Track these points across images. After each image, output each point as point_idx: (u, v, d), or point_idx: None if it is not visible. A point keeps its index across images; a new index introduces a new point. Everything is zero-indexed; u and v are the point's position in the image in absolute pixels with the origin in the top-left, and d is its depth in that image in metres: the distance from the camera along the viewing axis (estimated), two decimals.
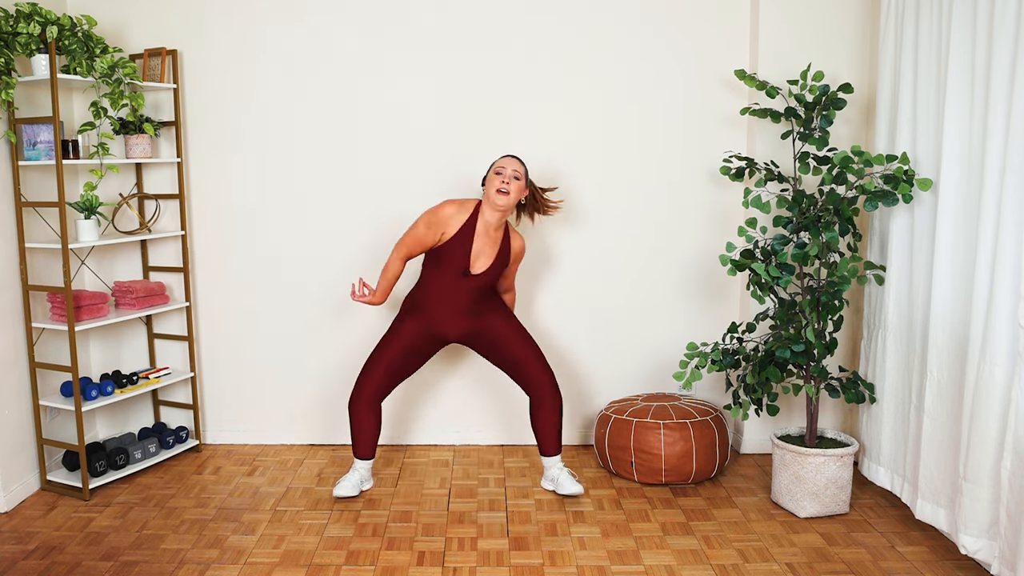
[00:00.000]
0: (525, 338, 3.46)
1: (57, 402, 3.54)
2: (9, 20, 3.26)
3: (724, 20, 3.86)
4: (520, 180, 3.27)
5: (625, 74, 3.89)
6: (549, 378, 3.46)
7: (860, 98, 3.72)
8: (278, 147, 3.95)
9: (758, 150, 3.78)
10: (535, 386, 3.45)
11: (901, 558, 2.94)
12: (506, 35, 3.86)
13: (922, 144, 3.06)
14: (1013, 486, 2.55)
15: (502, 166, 3.27)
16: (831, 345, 3.27)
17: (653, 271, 4.02)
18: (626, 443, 3.57)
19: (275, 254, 4.01)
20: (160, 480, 3.68)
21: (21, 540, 3.11)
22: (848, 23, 3.71)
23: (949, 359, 2.88)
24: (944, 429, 2.90)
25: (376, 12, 3.86)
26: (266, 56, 3.89)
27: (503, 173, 3.24)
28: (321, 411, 4.10)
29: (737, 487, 3.59)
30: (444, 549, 3.03)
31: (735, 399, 3.41)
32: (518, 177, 3.26)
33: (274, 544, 3.07)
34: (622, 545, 3.05)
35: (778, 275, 3.18)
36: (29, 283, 3.50)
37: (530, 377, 3.44)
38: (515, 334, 3.44)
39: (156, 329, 4.07)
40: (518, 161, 3.32)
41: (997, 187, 2.58)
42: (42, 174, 3.62)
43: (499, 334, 3.43)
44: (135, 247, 4.01)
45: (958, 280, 2.84)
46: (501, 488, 3.59)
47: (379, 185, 3.94)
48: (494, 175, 3.26)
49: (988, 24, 2.62)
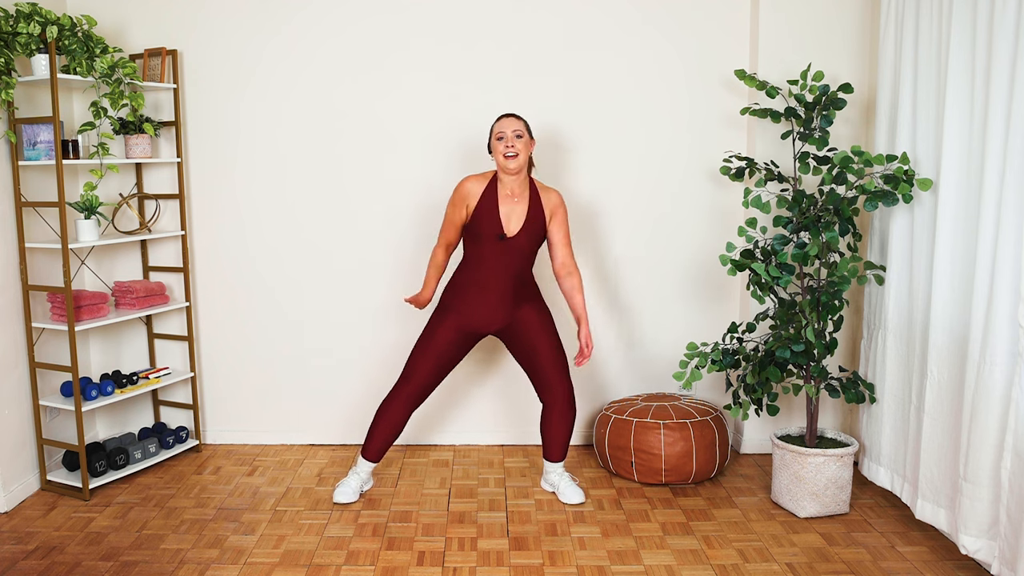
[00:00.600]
0: (554, 341, 3.37)
1: (57, 402, 3.54)
2: (9, 20, 3.26)
3: (724, 20, 3.86)
4: (523, 136, 3.21)
5: (625, 74, 3.89)
6: (567, 387, 3.39)
7: (860, 98, 3.72)
8: (278, 147, 3.95)
9: (758, 150, 3.78)
10: (552, 392, 3.38)
11: (901, 558, 2.94)
12: (506, 36, 3.86)
13: (922, 144, 3.06)
14: (1013, 486, 2.55)
15: (502, 131, 3.20)
16: (831, 345, 3.27)
17: (653, 271, 4.02)
18: (626, 443, 3.57)
19: (275, 254, 4.01)
20: (160, 480, 3.68)
21: (21, 540, 3.11)
22: (848, 23, 3.71)
23: (949, 359, 2.88)
24: (944, 429, 2.90)
25: (377, 12, 3.86)
26: (266, 55, 3.89)
27: (505, 137, 3.19)
28: (321, 411, 4.10)
29: (737, 487, 3.59)
30: (444, 549, 3.03)
31: (735, 399, 3.41)
32: (520, 135, 3.19)
33: (274, 544, 3.07)
34: (622, 545, 3.05)
35: (778, 275, 3.18)
36: (29, 283, 3.50)
37: (549, 382, 3.37)
38: (545, 333, 3.36)
39: (156, 329, 4.07)
40: (515, 119, 3.24)
41: (997, 187, 2.58)
42: (42, 174, 3.62)
43: (531, 328, 3.34)
44: (135, 247, 4.01)
45: (958, 280, 2.84)
46: (501, 488, 3.59)
47: (379, 184, 3.94)
48: (496, 141, 3.21)
49: (988, 24, 2.62)
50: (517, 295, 3.32)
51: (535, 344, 3.35)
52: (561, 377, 3.38)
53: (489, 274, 3.26)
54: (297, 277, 4.03)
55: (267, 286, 4.04)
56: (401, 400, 3.35)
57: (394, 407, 3.36)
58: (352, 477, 3.45)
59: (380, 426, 3.38)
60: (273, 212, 3.99)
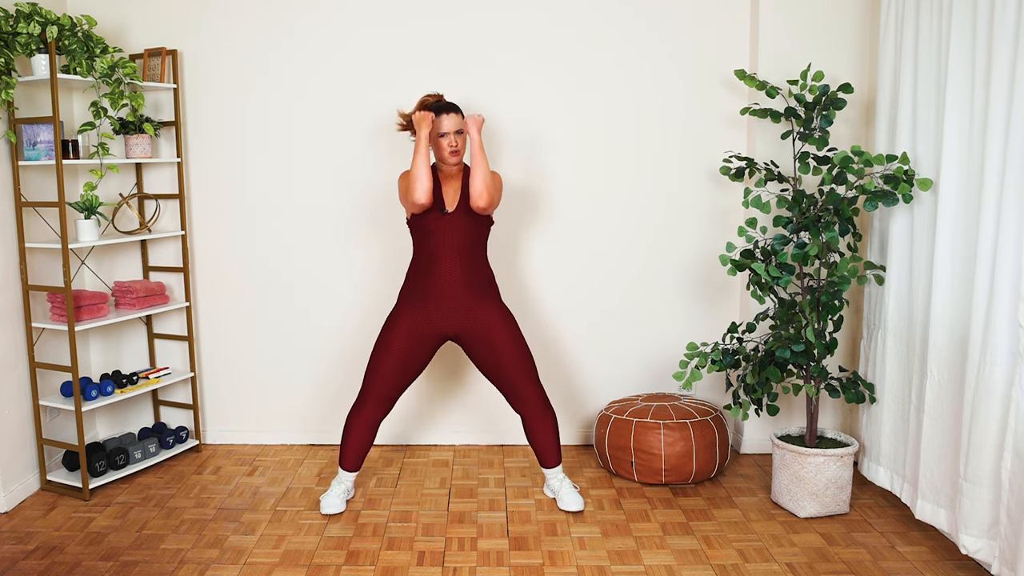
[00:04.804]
0: (520, 348, 3.30)
1: (57, 402, 3.54)
2: (9, 20, 3.26)
3: (724, 20, 3.86)
4: (463, 133, 3.23)
5: (625, 74, 3.89)
6: (538, 394, 3.31)
7: (860, 98, 3.72)
8: (278, 146, 3.95)
9: (758, 150, 3.78)
10: (524, 403, 3.30)
11: (901, 558, 2.94)
12: (506, 36, 3.86)
13: (922, 144, 3.06)
14: (1013, 486, 2.55)
15: (446, 130, 3.19)
16: (831, 345, 3.27)
17: (653, 271, 4.02)
18: (626, 443, 3.57)
19: (275, 254, 4.01)
20: (160, 480, 3.68)
21: (21, 540, 3.11)
22: (848, 23, 3.71)
23: (949, 359, 2.88)
24: (944, 429, 2.90)
25: (377, 12, 3.86)
26: (266, 55, 3.89)
27: (448, 135, 3.19)
28: (321, 411, 4.11)
29: (737, 487, 3.59)
30: (444, 549, 3.03)
31: (735, 399, 3.41)
32: (460, 131, 3.22)
33: (274, 544, 3.07)
34: (622, 545, 3.05)
35: (778, 275, 3.18)
36: (29, 283, 3.50)
37: (518, 393, 3.29)
38: (511, 341, 3.28)
39: (156, 329, 4.07)
40: (454, 114, 3.22)
41: (997, 187, 2.58)
42: (42, 174, 3.62)
43: (493, 332, 3.26)
44: (135, 247, 4.01)
45: (958, 280, 2.84)
46: (501, 488, 3.59)
47: (379, 184, 3.94)
48: (439, 138, 3.20)
49: (988, 24, 2.62)
50: (470, 278, 3.25)
51: (498, 352, 3.27)
52: (530, 385, 3.30)
53: (437, 256, 3.22)
54: (298, 277, 4.02)
55: (267, 286, 4.04)
56: (366, 411, 3.29)
57: (360, 419, 3.30)
58: (336, 487, 3.39)
59: (350, 438, 3.33)
60: (273, 211, 3.99)
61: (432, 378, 4.07)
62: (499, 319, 3.30)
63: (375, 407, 3.30)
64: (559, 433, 3.50)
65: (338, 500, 3.36)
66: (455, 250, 3.23)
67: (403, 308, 3.30)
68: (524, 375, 3.30)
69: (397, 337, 3.27)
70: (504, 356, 3.27)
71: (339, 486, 3.39)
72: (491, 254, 3.75)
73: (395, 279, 3.94)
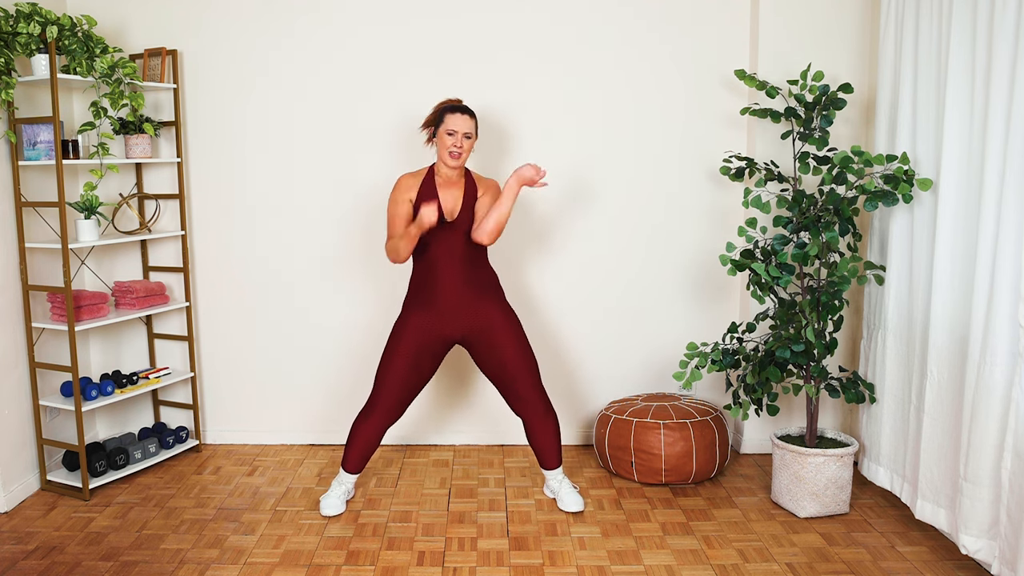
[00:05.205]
0: (523, 348, 3.29)
1: (57, 402, 3.54)
2: (9, 20, 3.26)
3: (724, 20, 3.86)
4: (472, 139, 3.22)
5: (625, 74, 3.89)
6: (540, 396, 3.31)
7: (860, 98, 3.72)
8: (278, 146, 3.95)
9: (758, 150, 3.78)
10: (526, 405, 3.30)
11: (901, 558, 2.94)
12: (506, 36, 3.86)
13: (922, 144, 3.06)
14: (1013, 486, 2.55)
15: (454, 128, 3.18)
16: (831, 345, 3.27)
17: (653, 271, 4.02)
18: (626, 443, 3.57)
19: (275, 254, 4.01)
20: (160, 480, 3.68)
21: (21, 540, 3.11)
22: (848, 23, 3.71)
23: (949, 359, 2.88)
24: (944, 429, 2.90)
25: (377, 12, 3.86)
26: (266, 56, 3.89)
27: (455, 135, 3.18)
28: (322, 411, 4.11)
29: (737, 487, 3.59)
30: (444, 549, 3.03)
31: (735, 399, 3.41)
32: (469, 136, 3.20)
33: (274, 544, 3.07)
34: (622, 545, 3.05)
35: (778, 275, 3.18)
36: (29, 283, 3.50)
37: (519, 395, 3.29)
38: (513, 339, 3.29)
39: (156, 329, 4.07)
40: (469, 117, 3.21)
41: (997, 187, 2.58)
42: (42, 174, 3.62)
43: (497, 332, 3.26)
44: (135, 247, 4.01)
45: (958, 280, 2.84)
46: (501, 488, 3.59)
47: (379, 184, 3.94)
48: (446, 135, 3.19)
49: (988, 24, 2.62)
50: (472, 281, 3.25)
51: (500, 350, 3.27)
52: (532, 388, 3.30)
53: (439, 264, 3.22)
54: (298, 277, 4.03)
55: (267, 286, 4.04)
56: (375, 417, 3.27)
57: (368, 425, 3.28)
58: (336, 487, 3.39)
59: (356, 443, 3.32)
60: (273, 211, 3.99)
61: (433, 379, 4.07)
62: (502, 318, 3.29)
63: (384, 414, 3.28)
64: (560, 435, 3.49)
65: (338, 501, 3.35)
66: (456, 257, 3.23)
67: (409, 316, 3.29)
68: (526, 376, 3.29)
69: (404, 345, 3.26)
70: (506, 355, 3.27)
71: (339, 487, 3.39)
72: (491, 254, 3.76)
73: (394, 279, 3.95)
